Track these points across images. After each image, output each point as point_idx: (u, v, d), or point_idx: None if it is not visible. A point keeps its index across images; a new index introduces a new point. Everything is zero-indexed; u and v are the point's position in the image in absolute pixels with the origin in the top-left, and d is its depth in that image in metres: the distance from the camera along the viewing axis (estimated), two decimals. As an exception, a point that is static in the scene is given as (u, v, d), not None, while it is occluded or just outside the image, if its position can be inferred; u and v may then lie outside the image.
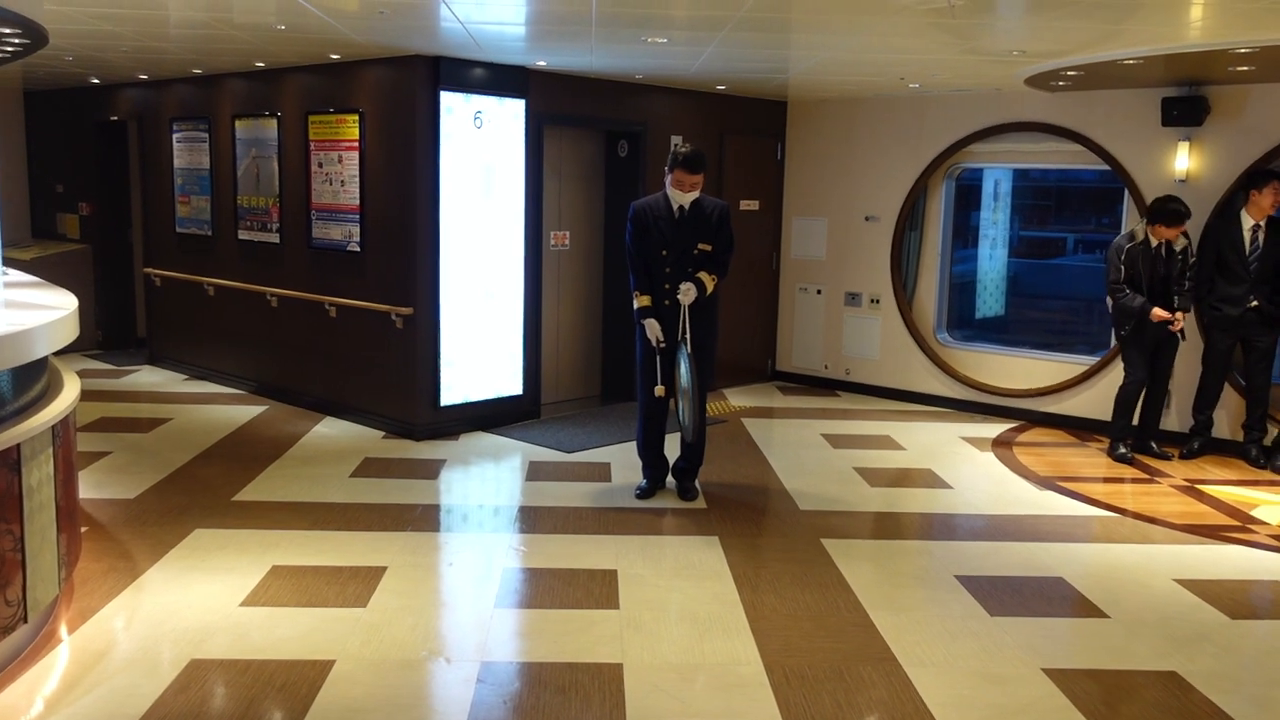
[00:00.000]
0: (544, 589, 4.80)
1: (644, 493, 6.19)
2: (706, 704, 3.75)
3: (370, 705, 3.66)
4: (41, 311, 4.16)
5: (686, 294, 5.80)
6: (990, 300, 13.52)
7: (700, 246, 5.85)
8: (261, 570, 4.85)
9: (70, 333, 4.19)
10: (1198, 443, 7.34)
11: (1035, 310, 15.76)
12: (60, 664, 3.91)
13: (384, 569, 4.91)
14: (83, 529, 4.87)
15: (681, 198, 5.83)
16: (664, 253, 5.86)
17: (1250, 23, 5.36)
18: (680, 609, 4.59)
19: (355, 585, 4.70)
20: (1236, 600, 4.88)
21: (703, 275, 5.85)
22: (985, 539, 5.73)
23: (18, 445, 3.68)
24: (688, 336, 5.86)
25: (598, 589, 4.77)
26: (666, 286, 5.88)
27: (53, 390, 4.30)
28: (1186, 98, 7.40)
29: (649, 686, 3.84)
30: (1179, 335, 7.09)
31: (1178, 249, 7.08)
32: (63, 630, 4.17)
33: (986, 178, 12.43)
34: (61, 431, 4.16)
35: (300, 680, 3.80)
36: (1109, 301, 7.24)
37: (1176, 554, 5.53)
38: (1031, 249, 18.29)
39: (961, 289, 12.60)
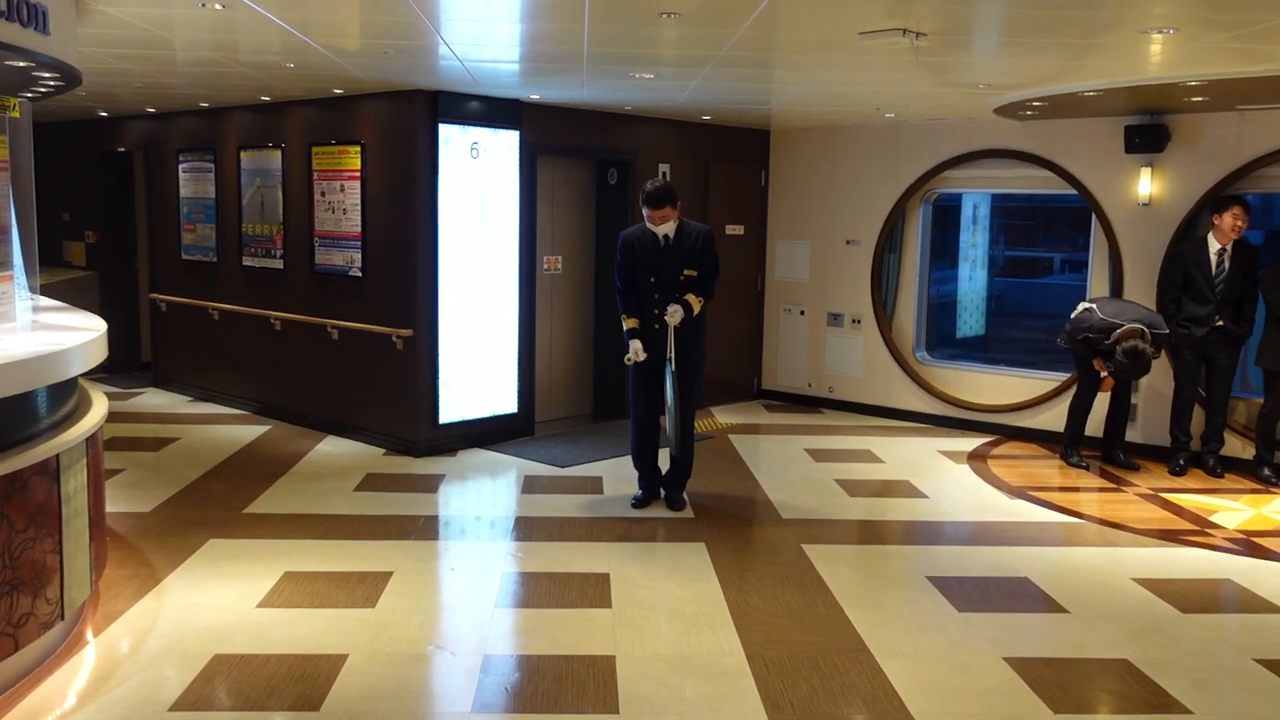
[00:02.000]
0: (540, 591, 5.12)
1: (639, 502, 6.52)
2: (692, 690, 4.07)
3: (382, 693, 3.97)
4: (73, 333, 4.48)
5: (673, 315, 6.14)
6: (970, 320, 13.88)
7: (686, 272, 6.20)
8: (275, 576, 5.15)
9: (100, 353, 4.50)
10: (1182, 459, 7.60)
11: (1018, 329, 16.11)
12: (93, 659, 4.21)
13: (390, 574, 5.23)
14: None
15: (660, 229, 6.18)
16: (652, 279, 6.21)
17: (1197, 59, 5.75)
18: (669, 607, 4.91)
19: (364, 588, 5.02)
20: (1188, 596, 5.22)
21: (689, 297, 6.19)
22: (957, 543, 6.08)
23: (57, 455, 4.00)
24: (673, 356, 6.19)
25: (591, 590, 5.09)
26: (655, 311, 6.23)
27: (83, 407, 4.63)
28: (1148, 126, 7.80)
29: (639, 675, 4.16)
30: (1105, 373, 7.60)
31: None
32: (90, 631, 4.47)
33: (965, 201, 12.82)
34: (92, 445, 4.48)
35: (317, 671, 4.12)
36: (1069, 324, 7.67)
37: (1136, 556, 5.87)
38: (1018, 269, 18.69)
39: (944, 309, 12.97)
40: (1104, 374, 7.51)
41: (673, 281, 6.19)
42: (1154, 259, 7.94)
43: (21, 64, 4.14)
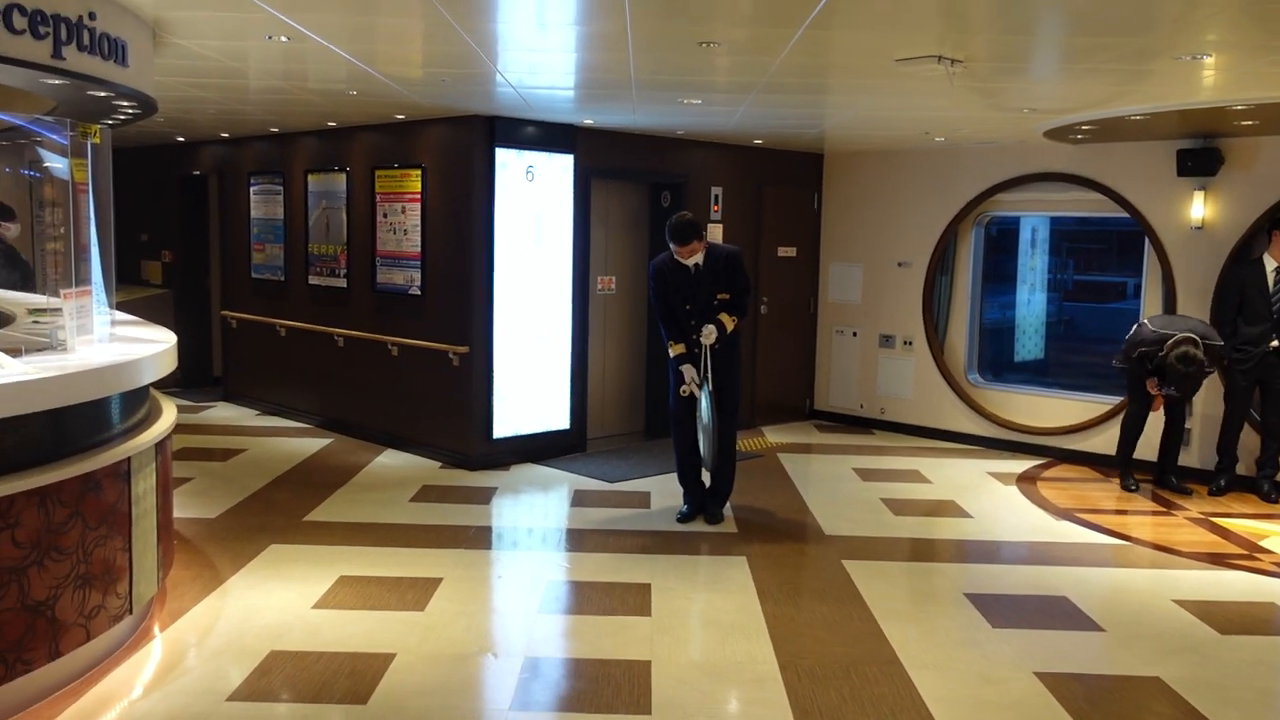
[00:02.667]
0: (584, 598, 5.29)
1: (684, 517, 6.67)
2: (723, 695, 4.20)
3: (427, 690, 4.16)
4: (146, 345, 4.76)
5: (708, 336, 6.31)
6: (1030, 343, 13.79)
7: (719, 296, 6.36)
8: (330, 579, 5.39)
9: (170, 364, 4.79)
10: (1224, 480, 7.61)
11: (1086, 353, 15.85)
12: (159, 651, 4.47)
13: (440, 580, 5.43)
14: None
15: (687, 261, 6.35)
16: (687, 307, 6.39)
17: (1244, 83, 5.77)
18: (706, 617, 5.05)
19: (414, 593, 5.23)
20: (1229, 618, 5.21)
21: (723, 317, 6.35)
22: (997, 562, 6.12)
23: (128, 458, 4.27)
24: (709, 376, 6.35)
25: (632, 599, 5.24)
26: (694, 337, 6.41)
27: (153, 414, 4.91)
28: (1200, 149, 7.79)
29: (673, 680, 4.30)
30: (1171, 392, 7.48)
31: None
32: (157, 626, 4.74)
33: (1023, 225, 12.77)
34: (161, 450, 4.75)
35: (366, 669, 4.32)
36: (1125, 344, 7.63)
37: (1180, 578, 5.86)
38: (1090, 293, 18.41)
39: (1006, 332, 12.91)
40: (1155, 392, 7.47)
41: (707, 306, 6.35)
42: (1207, 282, 7.91)
43: (102, 94, 4.46)
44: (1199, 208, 7.96)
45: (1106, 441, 8.50)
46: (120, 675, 4.20)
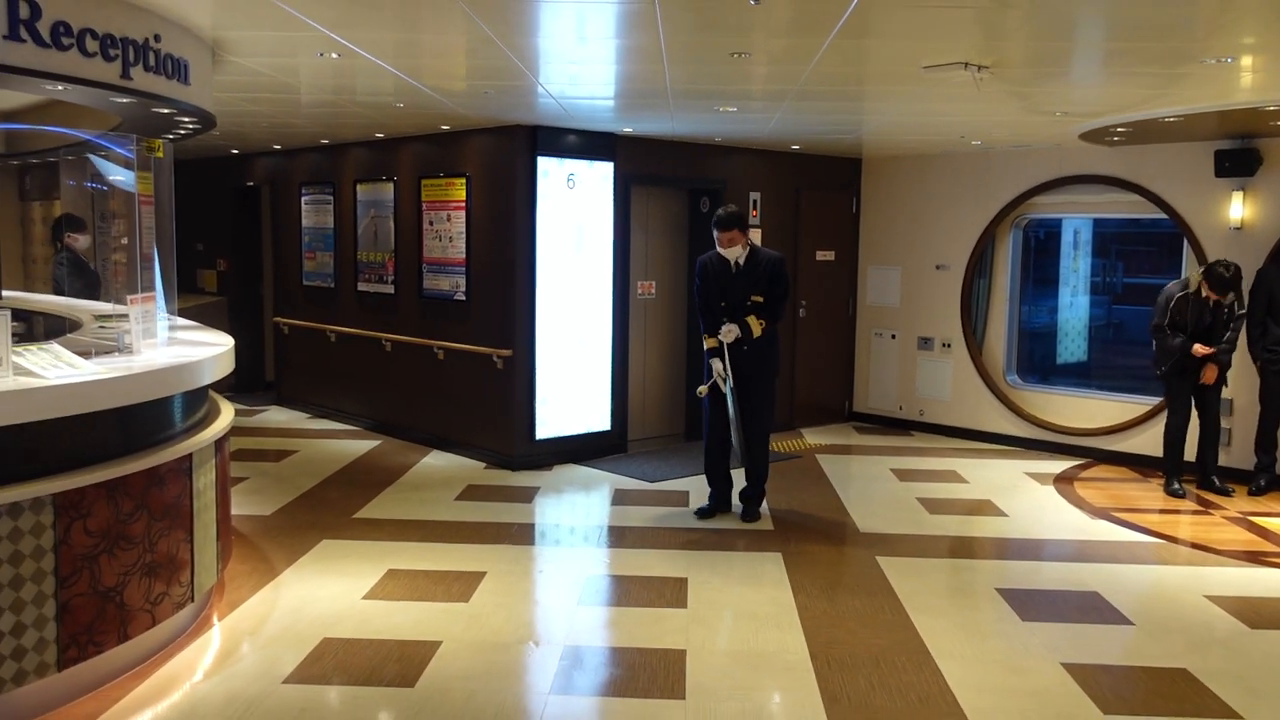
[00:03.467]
0: (622, 591, 5.47)
1: (704, 513, 6.83)
2: (755, 682, 4.35)
3: (471, 675, 4.36)
4: (205, 348, 5.01)
5: (728, 334, 6.49)
6: (1072, 346, 13.72)
7: (753, 297, 6.51)
8: (379, 573, 5.61)
9: (228, 365, 5.04)
10: (1263, 479, 7.62)
11: (1136, 356, 15.63)
12: (218, 638, 4.71)
13: (484, 573, 5.64)
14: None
15: (730, 253, 6.50)
16: (722, 303, 6.55)
17: (1278, 85, 5.81)
18: (740, 609, 5.20)
19: (459, 585, 5.43)
20: (1260, 614, 5.27)
21: (750, 319, 6.50)
22: (1030, 559, 6.21)
23: (190, 454, 4.51)
24: (729, 375, 6.52)
25: (669, 592, 5.41)
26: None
27: (212, 414, 5.16)
28: (1238, 150, 7.81)
29: (707, 667, 4.46)
30: (1221, 382, 7.48)
31: (1225, 302, 7.37)
32: (216, 615, 4.98)
33: (1065, 227, 12.74)
34: (220, 448, 5.00)
35: (413, 655, 4.53)
36: (1153, 341, 7.64)
37: (1213, 575, 5.91)
38: (1141, 296, 18.22)
39: (1047, 335, 12.87)
40: (1205, 350, 7.35)
41: (740, 305, 6.51)
42: (1246, 282, 7.89)
43: (166, 110, 4.73)
44: (1238, 208, 7.98)
45: (1145, 442, 8.52)
46: (183, 659, 4.45)
